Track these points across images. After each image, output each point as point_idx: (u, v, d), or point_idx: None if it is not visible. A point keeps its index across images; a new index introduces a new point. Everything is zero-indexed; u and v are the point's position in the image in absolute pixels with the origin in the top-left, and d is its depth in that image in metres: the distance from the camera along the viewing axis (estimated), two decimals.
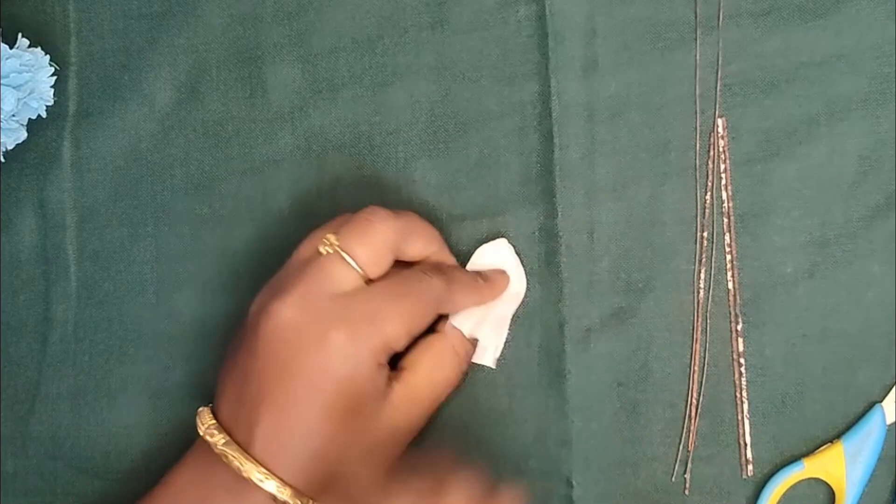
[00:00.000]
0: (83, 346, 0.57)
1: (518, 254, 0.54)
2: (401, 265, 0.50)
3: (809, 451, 0.52)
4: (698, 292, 0.53)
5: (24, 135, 0.56)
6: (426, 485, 0.47)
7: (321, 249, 0.48)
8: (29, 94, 0.54)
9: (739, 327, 0.53)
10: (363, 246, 0.48)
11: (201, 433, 0.47)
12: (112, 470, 0.55)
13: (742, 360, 0.53)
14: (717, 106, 0.54)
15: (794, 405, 0.52)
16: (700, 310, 0.53)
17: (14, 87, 0.53)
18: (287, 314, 0.46)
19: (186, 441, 0.49)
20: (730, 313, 0.53)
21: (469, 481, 0.47)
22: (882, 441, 0.51)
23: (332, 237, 0.48)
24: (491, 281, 0.53)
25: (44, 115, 0.55)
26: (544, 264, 0.54)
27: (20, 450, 0.56)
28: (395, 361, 0.50)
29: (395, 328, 0.47)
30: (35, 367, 0.57)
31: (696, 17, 0.54)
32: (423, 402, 0.49)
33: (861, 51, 0.53)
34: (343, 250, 0.47)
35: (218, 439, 0.46)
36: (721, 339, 0.53)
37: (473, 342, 0.52)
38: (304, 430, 0.46)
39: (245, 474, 0.45)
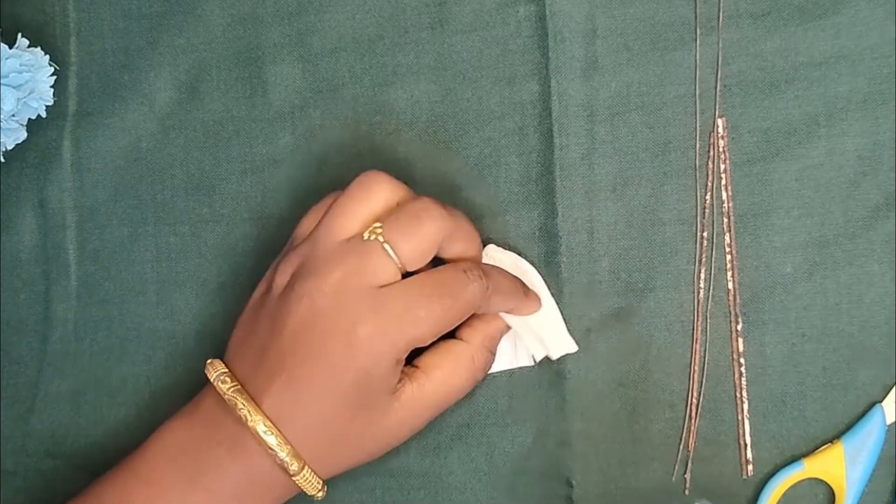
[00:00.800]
0: (83, 345, 0.57)
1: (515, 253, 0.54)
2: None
3: (809, 452, 0.52)
4: (698, 292, 0.53)
5: (24, 135, 0.56)
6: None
7: (365, 235, 0.47)
8: (29, 93, 0.54)
9: (739, 327, 0.53)
10: (408, 241, 0.47)
11: (212, 379, 0.48)
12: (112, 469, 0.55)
13: (742, 360, 0.53)
14: (717, 106, 0.54)
15: (794, 405, 0.52)
16: (700, 310, 0.53)
17: (14, 87, 0.53)
18: (321, 302, 0.46)
19: None
20: (730, 313, 0.53)
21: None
22: (882, 441, 0.51)
23: (378, 226, 0.47)
24: (531, 295, 0.52)
25: (44, 114, 0.56)
26: (544, 264, 0.54)
27: (20, 448, 0.56)
28: (412, 356, 0.50)
29: (421, 331, 0.47)
30: (35, 365, 0.57)
31: (695, 18, 0.54)
32: (432, 406, 0.50)
33: (860, 51, 0.53)
34: (387, 241, 0.47)
35: (229, 386, 0.47)
36: (721, 338, 0.53)
37: (493, 355, 0.52)
38: (315, 408, 0.46)
39: (250, 423, 0.46)
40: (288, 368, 0.47)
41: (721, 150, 0.54)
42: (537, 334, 0.53)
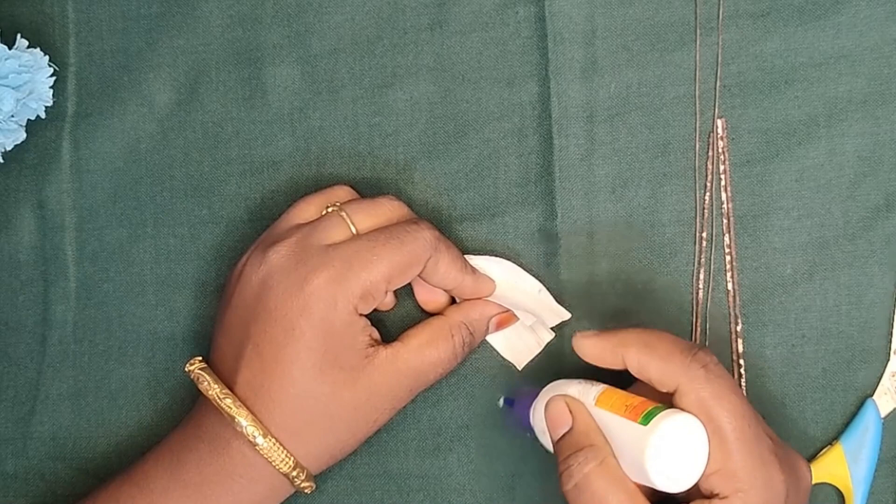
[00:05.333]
0: (83, 347, 0.57)
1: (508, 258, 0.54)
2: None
3: (810, 453, 0.52)
4: (697, 293, 0.53)
5: (23, 135, 0.56)
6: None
7: (325, 210, 0.50)
8: (28, 94, 0.54)
9: (739, 328, 0.53)
10: (366, 215, 0.50)
11: (185, 368, 0.49)
12: (113, 471, 0.55)
13: (742, 362, 0.53)
14: (717, 107, 0.54)
15: (794, 406, 0.52)
16: (699, 311, 0.53)
17: (13, 88, 0.53)
18: (276, 265, 0.48)
19: None
20: (729, 314, 0.53)
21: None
22: (880, 435, 0.51)
23: (337, 203, 0.50)
24: (478, 276, 0.52)
25: (43, 115, 0.55)
26: (544, 265, 0.54)
27: (21, 451, 0.56)
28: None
29: (371, 274, 0.47)
30: (35, 367, 0.57)
31: (695, 19, 0.54)
32: (408, 373, 0.50)
33: (860, 52, 0.53)
34: (344, 211, 0.49)
35: (196, 366, 0.49)
36: (721, 340, 0.53)
37: (475, 337, 0.52)
38: (283, 372, 0.47)
39: (211, 394, 0.47)
40: (252, 334, 0.48)
41: (720, 150, 0.54)
42: (531, 311, 0.53)
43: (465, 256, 0.53)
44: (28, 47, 0.54)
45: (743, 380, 0.53)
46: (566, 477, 0.44)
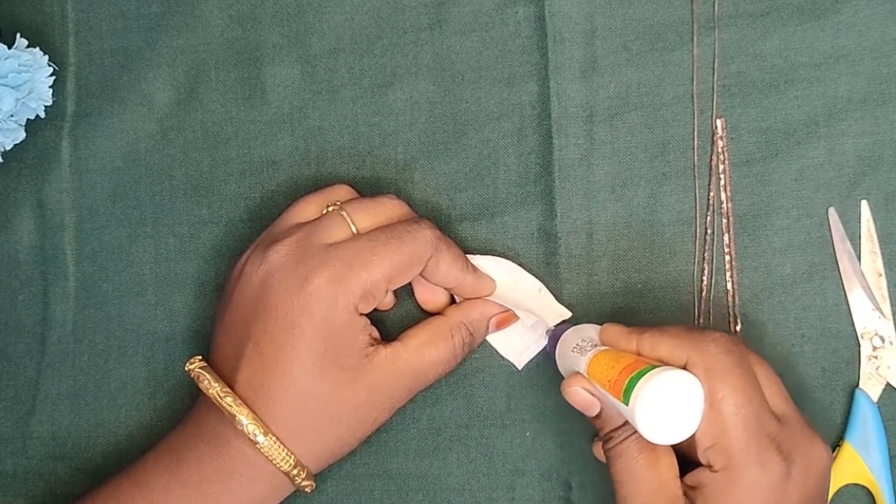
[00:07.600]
0: (82, 347, 0.57)
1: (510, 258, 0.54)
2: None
3: None
4: (697, 293, 0.53)
5: (22, 135, 0.56)
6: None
7: (325, 209, 0.50)
8: (27, 94, 0.54)
9: (738, 328, 0.53)
10: (367, 214, 0.50)
11: (186, 367, 0.49)
12: (112, 470, 0.55)
13: None
14: (715, 106, 0.54)
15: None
16: (699, 311, 0.53)
17: (13, 88, 0.53)
18: (277, 264, 0.48)
19: None
20: (729, 314, 0.53)
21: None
22: (881, 421, 0.51)
23: (338, 202, 0.50)
24: (479, 275, 0.52)
25: (42, 115, 0.55)
26: (543, 265, 0.54)
27: (20, 450, 0.56)
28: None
29: (371, 273, 0.48)
30: (34, 367, 0.57)
31: (692, 18, 0.54)
32: (407, 372, 0.50)
33: (860, 51, 0.53)
34: (344, 211, 0.49)
35: (196, 365, 0.49)
36: None
37: (475, 337, 0.52)
38: (284, 371, 0.47)
39: (211, 392, 0.47)
40: (252, 333, 0.48)
41: (720, 150, 0.54)
42: (531, 311, 0.53)
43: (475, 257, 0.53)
44: (28, 47, 0.54)
45: None
46: (608, 443, 0.47)
